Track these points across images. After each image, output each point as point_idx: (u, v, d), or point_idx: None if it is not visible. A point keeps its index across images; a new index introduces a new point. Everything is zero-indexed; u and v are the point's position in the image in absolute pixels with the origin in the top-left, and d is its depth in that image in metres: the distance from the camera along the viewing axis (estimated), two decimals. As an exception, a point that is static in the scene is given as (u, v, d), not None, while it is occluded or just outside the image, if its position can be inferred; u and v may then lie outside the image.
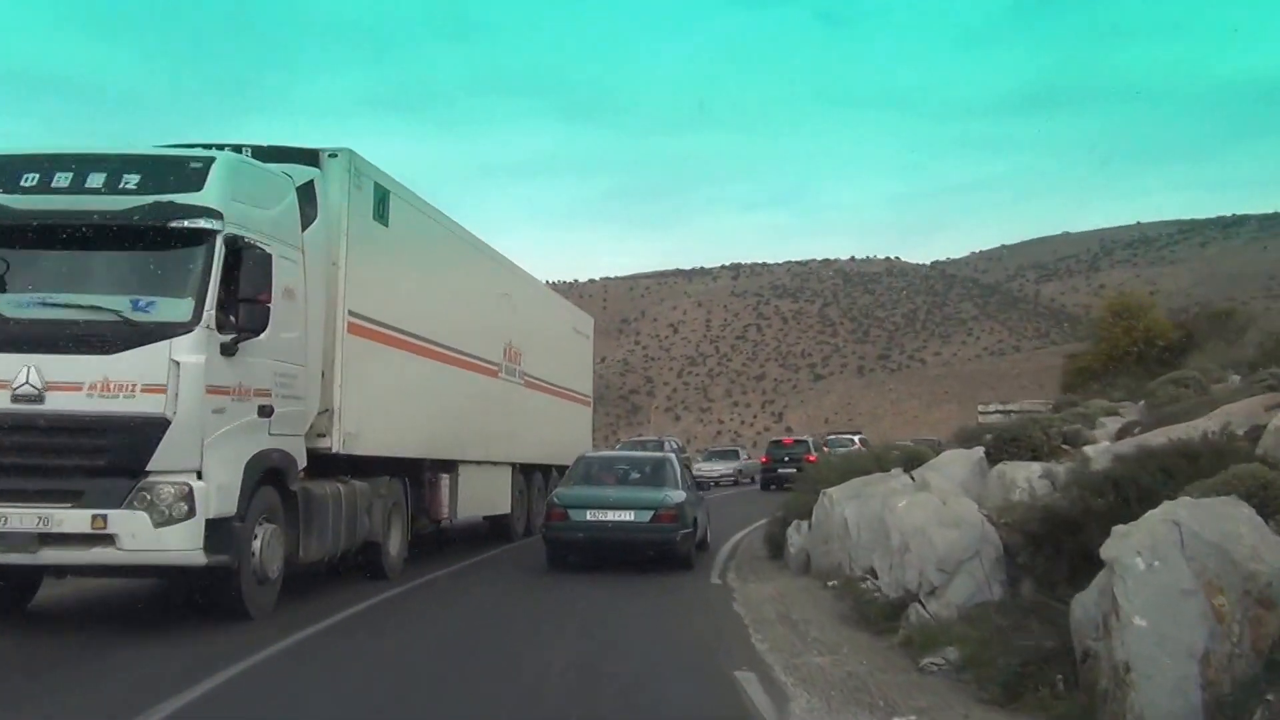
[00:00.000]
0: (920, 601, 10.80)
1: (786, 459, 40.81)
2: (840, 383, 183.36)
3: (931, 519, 11.58)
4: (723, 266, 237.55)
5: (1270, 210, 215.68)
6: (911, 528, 11.64)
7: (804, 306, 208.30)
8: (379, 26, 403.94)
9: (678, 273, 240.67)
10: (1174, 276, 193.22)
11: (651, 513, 15.54)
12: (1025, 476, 13.41)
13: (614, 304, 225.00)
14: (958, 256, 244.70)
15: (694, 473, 24.53)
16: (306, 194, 11.78)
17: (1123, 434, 14.61)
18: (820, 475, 18.90)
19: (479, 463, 17.19)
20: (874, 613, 11.45)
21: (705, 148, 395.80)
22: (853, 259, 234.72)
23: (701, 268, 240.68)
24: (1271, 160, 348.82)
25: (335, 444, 12.16)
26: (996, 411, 57.44)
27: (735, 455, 56.40)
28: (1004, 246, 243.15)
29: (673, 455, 19.88)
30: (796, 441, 45.15)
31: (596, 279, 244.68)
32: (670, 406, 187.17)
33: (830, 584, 13.79)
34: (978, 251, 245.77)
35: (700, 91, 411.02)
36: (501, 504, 18.74)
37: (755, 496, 36.47)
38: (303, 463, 11.52)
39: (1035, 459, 14.04)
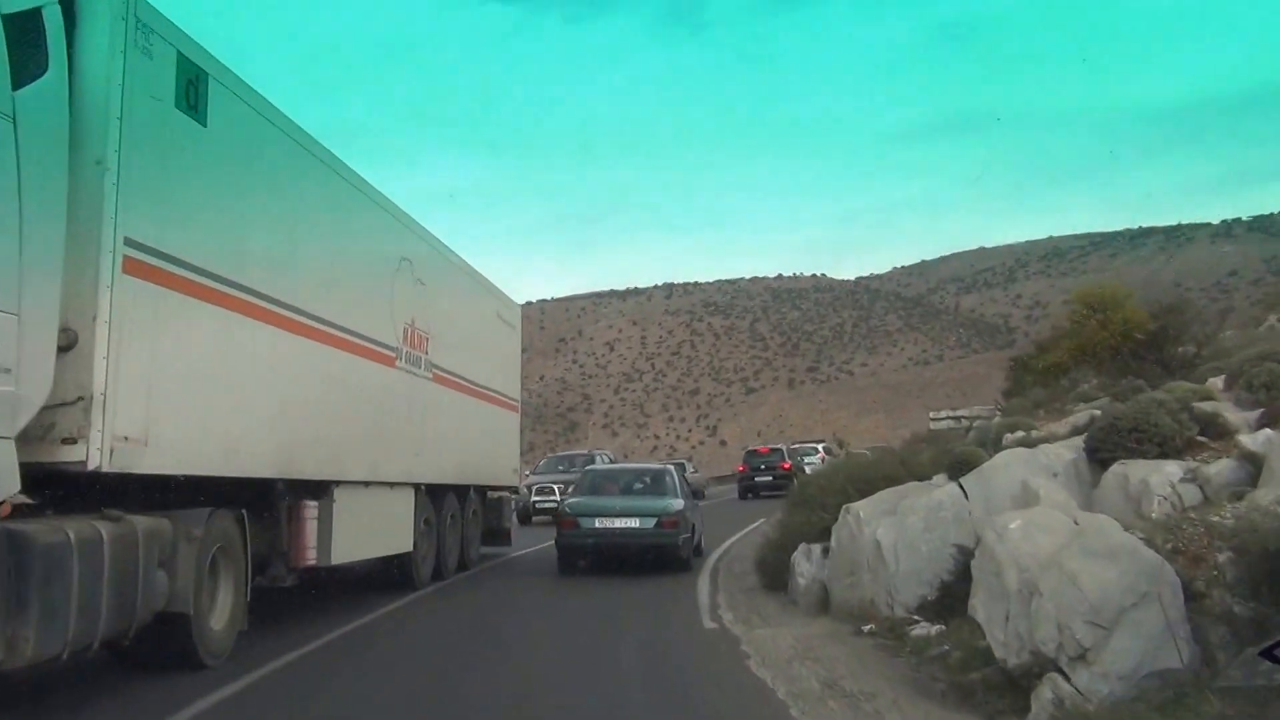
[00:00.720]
0: (1062, 670, 6.63)
1: (763, 467, 39.58)
2: (772, 395, 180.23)
3: (1069, 548, 6.97)
4: (656, 286, 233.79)
5: (1174, 222, 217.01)
6: (1037, 560, 7.10)
7: (735, 322, 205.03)
8: (306, 59, 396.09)
9: (612, 293, 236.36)
10: (1087, 286, 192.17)
11: (655, 520, 16.06)
12: (1162, 480, 8.68)
13: (551, 324, 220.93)
14: (881, 272, 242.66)
15: None
16: (22, 29, 6.68)
17: (1272, 420, 9.80)
18: (827, 485, 14.52)
19: (366, 484, 12.01)
20: (981, 684, 7.11)
21: (637, 173, 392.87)
22: (780, 276, 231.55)
23: (635, 287, 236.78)
24: (1174, 176, 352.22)
25: (95, 455, 7.02)
26: (948, 418, 54.05)
27: (682, 469, 53.21)
28: (924, 261, 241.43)
29: (672, 467, 19.46)
30: (772, 450, 42.72)
31: (533, 300, 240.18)
32: (608, 423, 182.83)
33: (866, 629, 10.27)
34: (900, 266, 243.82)
35: (630, 120, 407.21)
36: (400, 540, 13.32)
37: (725, 508, 33.09)
38: (9, 487, 6.37)
39: (1163, 455, 9.26)
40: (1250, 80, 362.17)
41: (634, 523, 16.04)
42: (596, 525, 16.00)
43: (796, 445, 49.80)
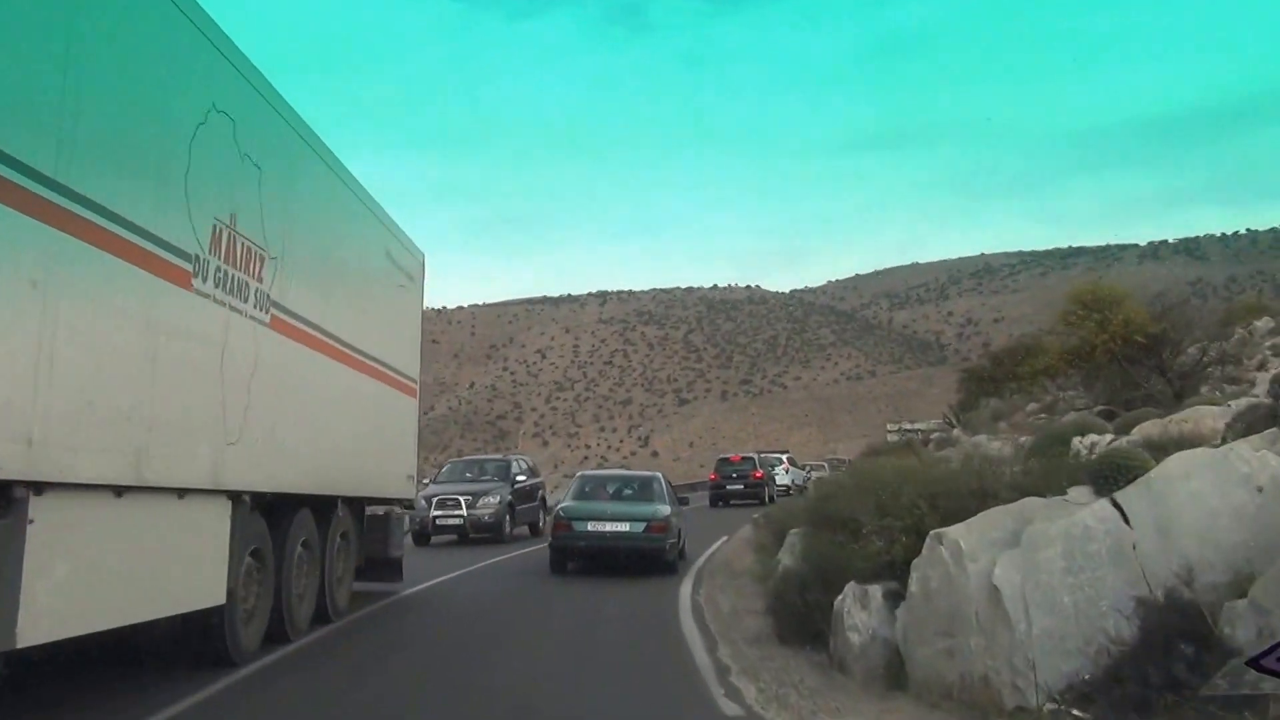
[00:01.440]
0: None
1: (735, 475, 38.37)
2: (705, 407, 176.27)
3: None
4: (590, 294, 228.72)
5: (1103, 243, 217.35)
6: None
7: (669, 333, 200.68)
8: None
9: (546, 300, 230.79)
10: (1016, 304, 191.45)
11: (645, 524, 16.41)
12: None
13: (483, 330, 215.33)
14: (815, 285, 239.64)
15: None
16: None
17: None
18: (872, 498, 9.85)
19: (118, 491, 6.39)
20: None
21: (574, 176, 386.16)
22: (715, 287, 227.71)
23: (569, 295, 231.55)
24: (1102, 196, 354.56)
25: None
26: (905, 431, 50.06)
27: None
28: (858, 275, 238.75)
29: (660, 475, 19.65)
30: (744, 458, 40.39)
31: (465, 305, 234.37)
32: (538, 432, 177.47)
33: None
34: (834, 280, 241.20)
35: (567, 125, 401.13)
36: (200, 587, 7.58)
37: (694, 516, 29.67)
38: None
39: None
40: (1176, 105, 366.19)
41: (624, 526, 16.38)
42: (589, 528, 16.37)
43: (763, 454, 47.22)
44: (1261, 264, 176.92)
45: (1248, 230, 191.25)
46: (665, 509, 16.97)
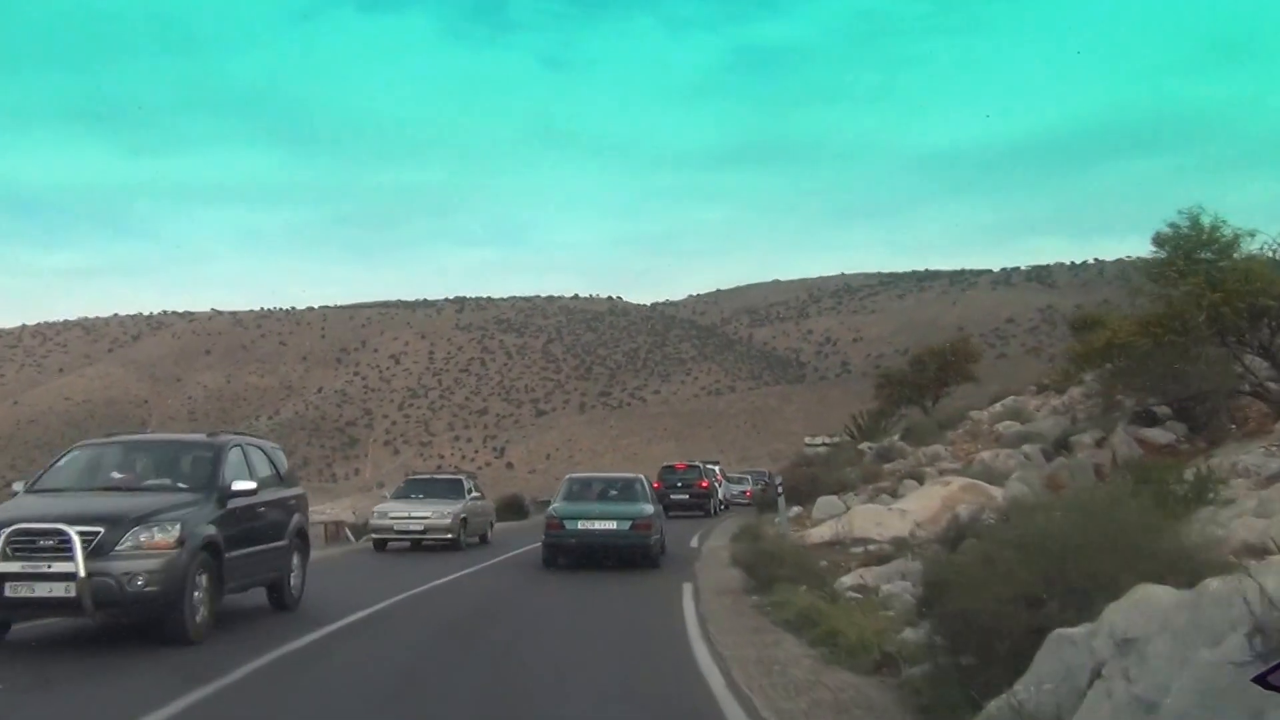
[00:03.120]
0: None
1: (679, 485, 36.64)
2: (563, 418, 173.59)
3: None
4: (447, 299, 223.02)
5: (958, 267, 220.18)
6: None
7: (528, 342, 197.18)
8: (77, 25, 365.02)
9: (400, 304, 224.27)
10: (875, 324, 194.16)
11: (630, 522, 17.64)
12: None
13: (334, 333, 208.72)
14: (677, 299, 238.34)
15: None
16: None
17: None
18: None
19: None
20: None
21: (430, 181, 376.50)
22: (577, 296, 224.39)
23: (425, 299, 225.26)
24: (959, 222, 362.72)
25: None
26: (824, 444, 48.75)
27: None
28: (720, 291, 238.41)
29: (643, 477, 21.04)
30: (690, 466, 38.95)
31: (315, 307, 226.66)
32: (390, 439, 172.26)
33: None
34: (695, 295, 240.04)
35: (423, 124, 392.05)
36: None
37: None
38: None
39: None
40: (1022, 137, 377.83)
41: (611, 525, 17.57)
42: (579, 527, 17.50)
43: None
44: (1108, 293, 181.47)
45: (1095, 260, 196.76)
46: (649, 508, 18.48)
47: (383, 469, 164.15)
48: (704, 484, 36.09)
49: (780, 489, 23.94)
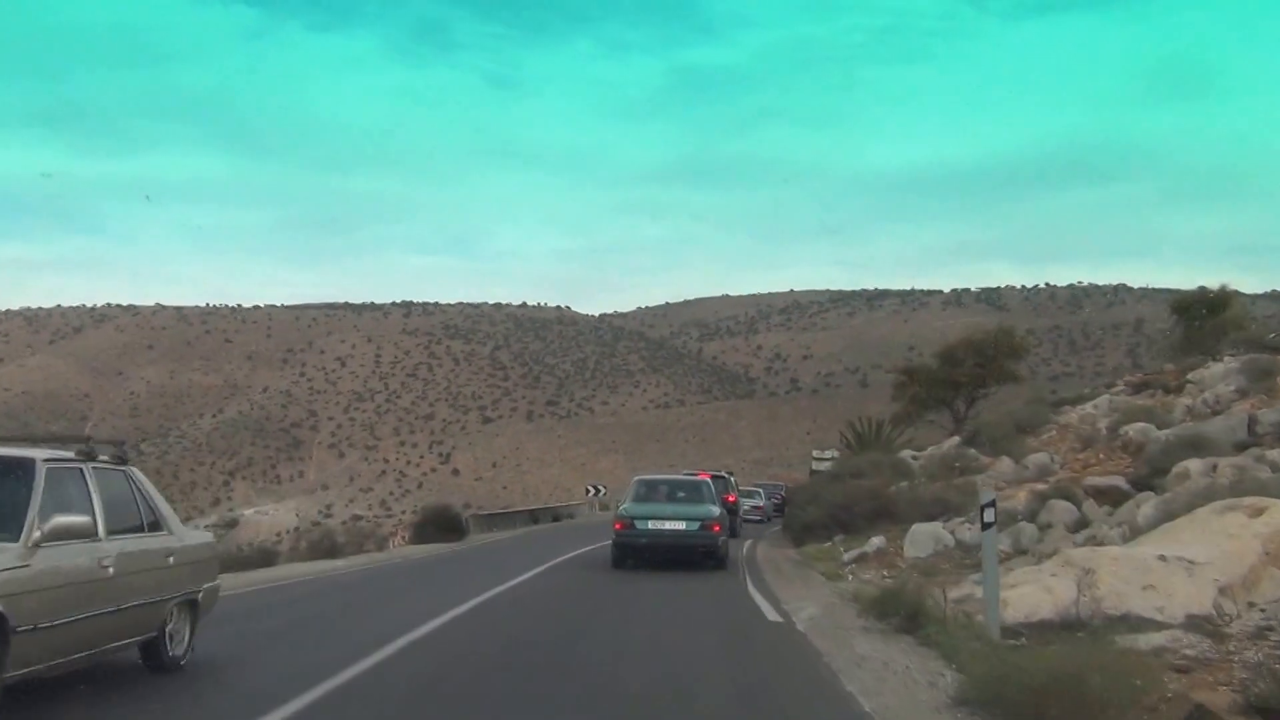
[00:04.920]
0: None
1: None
2: (509, 426, 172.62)
3: None
4: (395, 303, 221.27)
5: (909, 287, 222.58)
6: None
7: (476, 348, 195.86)
8: (35, 32, 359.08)
9: (348, 306, 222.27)
10: (825, 341, 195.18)
11: (700, 523, 18.14)
12: None
13: (280, 333, 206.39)
14: (626, 310, 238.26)
15: None
16: None
17: None
18: None
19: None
20: None
21: (379, 188, 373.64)
22: (525, 305, 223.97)
23: (373, 303, 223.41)
24: (909, 243, 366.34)
25: None
26: (833, 458, 47.30)
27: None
28: (669, 304, 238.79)
29: (709, 479, 21.91)
30: (715, 477, 29.92)
31: (262, 305, 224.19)
32: (335, 442, 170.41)
33: None
34: (644, 307, 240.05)
35: (373, 136, 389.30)
36: None
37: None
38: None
39: None
40: (973, 162, 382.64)
41: (681, 525, 18.00)
42: (649, 527, 17.89)
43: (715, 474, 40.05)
44: (1059, 318, 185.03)
45: (1047, 285, 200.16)
46: (717, 509, 18.90)
47: (327, 471, 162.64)
48: (730, 498, 30.94)
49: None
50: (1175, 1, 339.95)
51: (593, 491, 53.82)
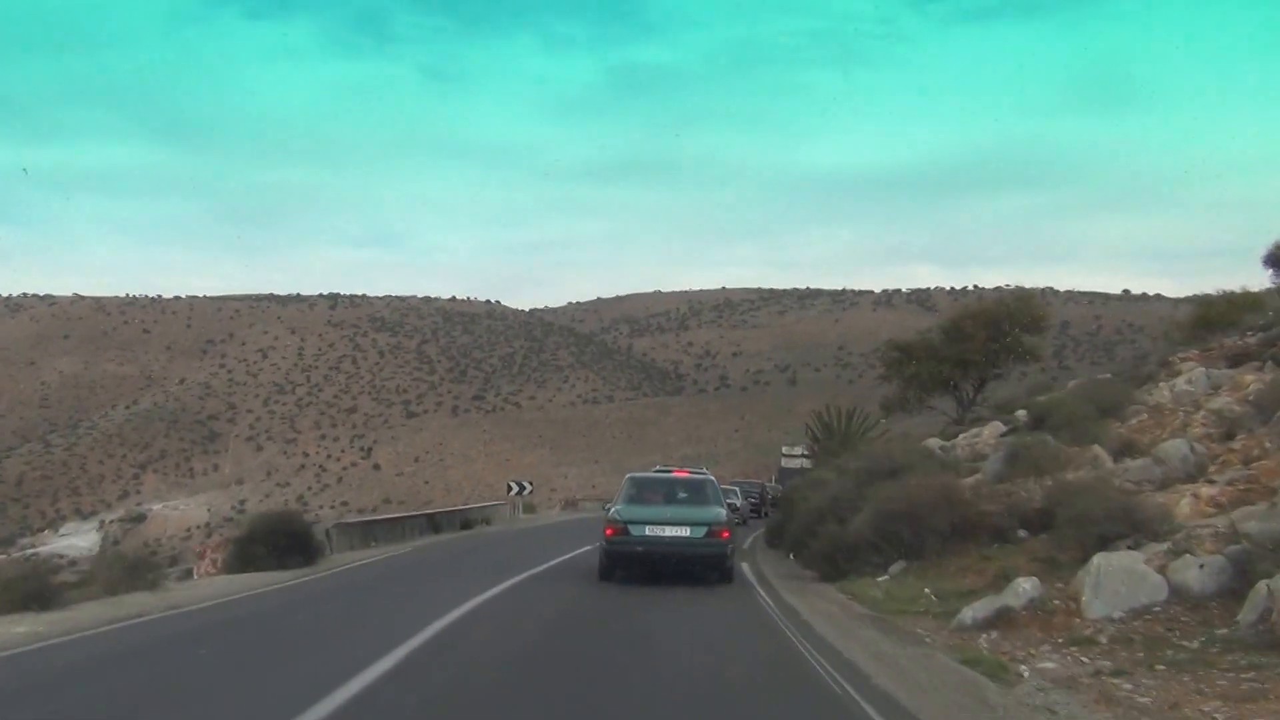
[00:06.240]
0: None
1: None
2: (434, 421, 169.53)
3: None
4: (320, 295, 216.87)
5: (840, 287, 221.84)
6: None
7: (402, 341, 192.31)
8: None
9: (271, 298, 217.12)
10: (756, 339, 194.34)
11: (706, 528, 15.82)
12: None
13: (200, 324, 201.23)
14: (556, 305, 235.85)
15: None
16: None
17: None
18: None
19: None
20: None
21: (309, 180, 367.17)
22: (454, 298, 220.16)
23: (298, 294, 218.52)
24: (841, 243, 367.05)
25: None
26: (801, 456, 43.80)
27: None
28: (600, 299, 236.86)
29: (712, 477, 18.64)
30: (694, 474, 28.40)
31: (183, 296, 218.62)
32: (253, 435, 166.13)
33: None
34: (575, 302, 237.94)
35: (305, 127, 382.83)
36: None
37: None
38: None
39: None
40: (900, 166, 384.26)
41: (684, 531, 15.84)
42: (646, 533, 15.80)
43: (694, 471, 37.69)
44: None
45: (975, 287, 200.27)
46: (724, 512, 16.66)
47: (243, 465, 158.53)
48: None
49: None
50: (1104, 14, 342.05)
51: (515, 489, 46.93)
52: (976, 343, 36.42)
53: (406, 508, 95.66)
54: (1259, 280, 28.82)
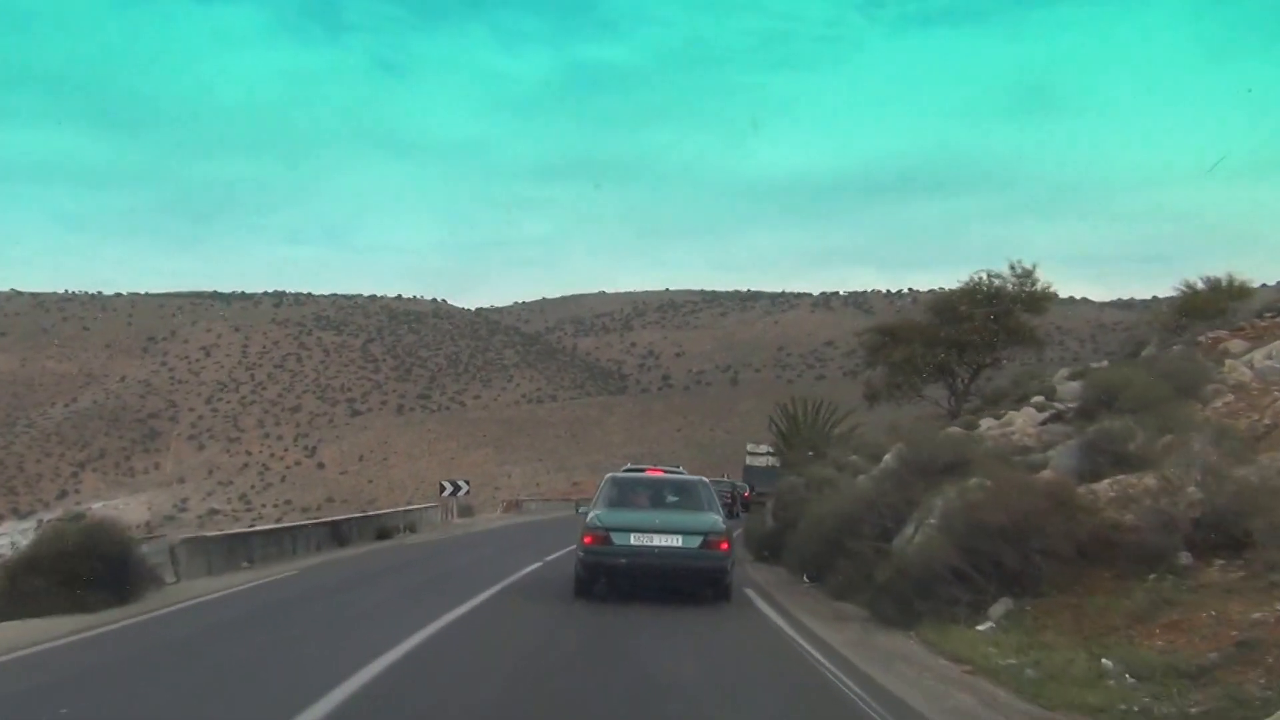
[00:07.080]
0: None
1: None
2: (378, 419, 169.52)
3: None
4: (265, 293, 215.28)
5: (779, 290, 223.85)
6: None
7: (347, 340, 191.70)
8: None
9: (215, 295, 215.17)
10: (697, 340, 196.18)
11: (701, 538, 13.84)
12: None
13: (142, 320, 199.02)
14: (502, 305, 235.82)
15: None
16: None
17: None
18: None
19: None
20: None
21: (254, 175, 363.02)
22: (400, 297, 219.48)
23: (242, 292, 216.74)
24: (781, 246, 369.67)
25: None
26: (766, 454, 44.40)
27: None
28: (545, 299, 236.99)
29: (704, 479, 16.28)
30: (670, 474, 26.60)
31: (124, 293, 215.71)
32: (195, 434, 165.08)
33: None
34: (521, 302, 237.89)
35: (251, 118, 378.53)
36: None
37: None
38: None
39: None
40: (837, 171, 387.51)
41: (676, 541, 13.89)
42: (631, 542, 13.88)
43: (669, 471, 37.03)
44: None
45: (910, 289, 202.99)
46: (721, 520, 14.56)
47: (185, 464, 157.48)
48: (747, 495, 26.22)
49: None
50: (1040, 23, 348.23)
51: (450, 489, 40.58)
52: (975, 323, 32.70)
53: (350, 507, 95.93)
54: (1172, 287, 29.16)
